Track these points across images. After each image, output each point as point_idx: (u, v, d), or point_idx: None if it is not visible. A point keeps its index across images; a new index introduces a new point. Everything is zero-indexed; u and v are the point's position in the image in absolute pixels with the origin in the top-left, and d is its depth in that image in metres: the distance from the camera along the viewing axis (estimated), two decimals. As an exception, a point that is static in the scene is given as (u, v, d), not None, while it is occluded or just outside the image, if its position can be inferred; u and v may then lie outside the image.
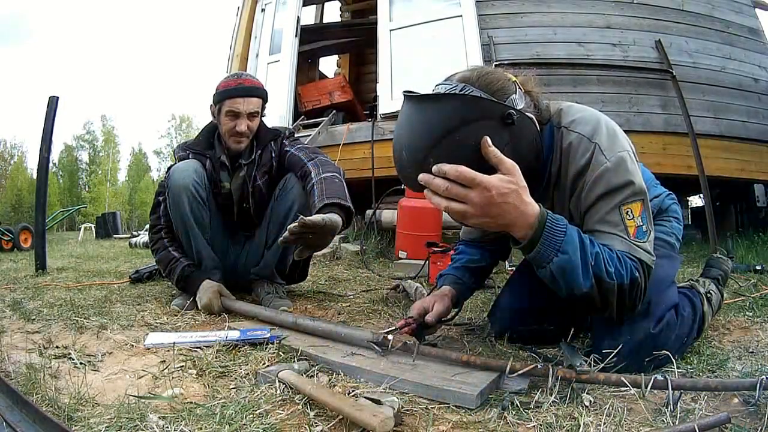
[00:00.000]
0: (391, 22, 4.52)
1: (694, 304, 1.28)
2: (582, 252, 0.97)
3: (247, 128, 1.89)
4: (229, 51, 5.89)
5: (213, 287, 1.76)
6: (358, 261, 3.43)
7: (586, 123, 1.09)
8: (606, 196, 1.04)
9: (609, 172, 1.04)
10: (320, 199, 1.63)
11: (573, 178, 1.09)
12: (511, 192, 0.93)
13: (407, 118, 1.02)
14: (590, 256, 0.98)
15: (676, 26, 4.31)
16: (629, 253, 1.01)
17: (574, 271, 0.97)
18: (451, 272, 1.47)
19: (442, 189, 0.92)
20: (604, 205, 1.04)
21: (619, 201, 1.03)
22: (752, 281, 2.30)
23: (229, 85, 1.89)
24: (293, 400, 0.93)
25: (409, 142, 1.00)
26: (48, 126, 3.06)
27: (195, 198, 1.82)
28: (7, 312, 1.74)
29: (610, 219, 1.04)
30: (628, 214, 1.03)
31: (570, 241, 0.97)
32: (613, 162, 1.04)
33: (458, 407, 0.91)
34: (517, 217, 0.95)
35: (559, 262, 0.97)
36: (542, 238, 0.97)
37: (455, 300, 1.38)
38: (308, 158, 1.87)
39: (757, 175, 4.36)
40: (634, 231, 1.03)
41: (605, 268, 0.98)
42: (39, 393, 0.94)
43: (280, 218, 1.87)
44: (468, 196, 0.91)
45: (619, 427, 0.81)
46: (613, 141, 1.07)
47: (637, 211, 1.04)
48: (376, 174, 4.21)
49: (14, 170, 34.83)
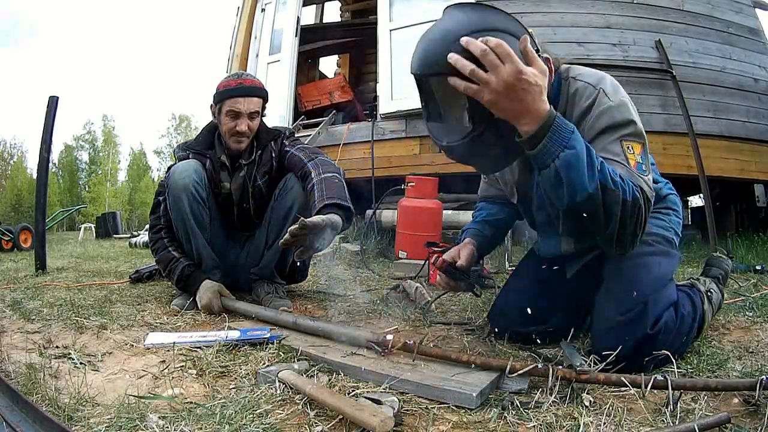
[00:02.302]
0: (391, 22, 4.52)
1: (694, 303, 1.27)
2: (588, 154, 0.97)
3: (247, 128, 1.88)
4: (229, 51, 5.89)
5: (213, 287, 1.76)
6: (358, 261, 3.43)
7: (591, 75, 1.16)
8: (608, 129, 1.08)
9: (612, 110, 1.09)
10: (320, 199, 1.62)
11: (577, 119, 1.12)
12: (535, 85, 0.95)
13: (446, 14, 1.08)
14: (596, 159, 0.98)
15: (676, 26, 4.30)
16: (630, 179, 1.02)
17: (580, 169, 0.96)
18: (472, 226, 1.51)
19: (468, 70, 0.94)
20: (606, 138, 1.08)
21: (621, 135, 1.07)
22: (752, 281, 2.30)
23: (229, 85, 1.89)
24: (293, 400, 0.93)
25: (445, 28, 1.03)
26: (48, 126, 3.06)
27: (195, 198, 1.82)
28: (7, 312, 1.74)
29: (611, 149, 1.07)
30: (629, 149, 1.06)
31: (578, 139, 0.98)
32: (616, 102, 1.09)
33: (458, 407, 0.91)
34: (530, 106, 0.96)
35: (566, 156, 0.96)
36: (550, 132, 0.96)
37: (477, 250, 1.43)
38: (308, 158, 1.87)
39: (757, 175, 4.36)
40: (634, 164, 1.05)
41: (610, 176, 0.98)
42: (39, 393, 0.94)
43: (280, 218, 1.87)
44: (498, 69, 0.93)
45: (619, 427, 0.81)
46: (617, 89, 1.12)
47: (637, 150, 1.07)
48: (376, 174, 4.21)
49: (14, 170, 34.80)
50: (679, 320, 1.16)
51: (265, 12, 5.41)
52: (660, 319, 1.12)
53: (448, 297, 2.16)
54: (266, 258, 1.93)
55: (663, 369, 1.08)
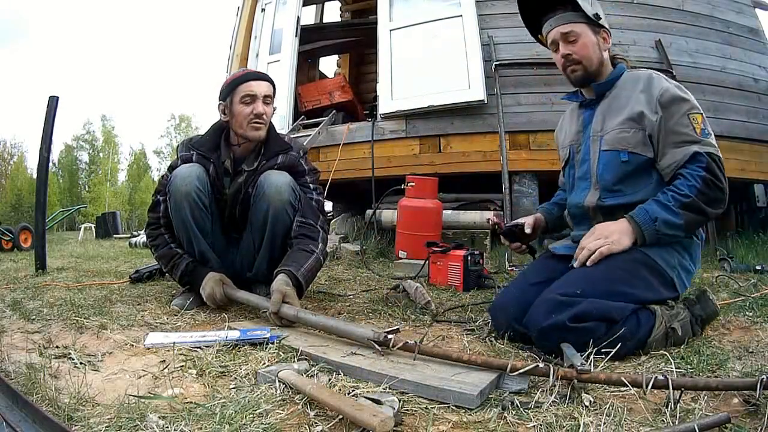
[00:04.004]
0: (391, 22, 4.51)
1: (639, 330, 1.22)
2: (662, 208, 1.32)
3: (264, 111, 1.85)
4: (229, 51, 5.89)
5: (215, 276, 1.77)
6: (358, 261, 3.43)
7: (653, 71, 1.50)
8: (676, 102, 1.37)
9: (674, 89, 1.40)
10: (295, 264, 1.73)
11: (639, 90, 1.43)
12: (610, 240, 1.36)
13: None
14: (668, 200, 1.32)
15: (676, 26, 4.29)
16: (699, 151, 1.34)
17: (669, 221, 1.31)
18: (545, 205, 1.81)
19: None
20: (676, 111, 1.37)
21: (687, 110, 1.37)
22: (752, 281, 2.30)
23: (238, 75, 1.89)
24: (293, 400, 0.93)
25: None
26: (48, 126, 3.06)
27: (197, 205, 1.81)
28: (7, 312, 1.74)
29: (682, 122, 1.37)
30: (695, 121, 1.37)
31: (651, 211, 1.33)
32: (674, 84, 1.42)
33: (458, 407, 0.91)
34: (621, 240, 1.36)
35: (658, 227, 1.32)
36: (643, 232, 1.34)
37: (543, 223, 1.74)
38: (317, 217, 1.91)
39: (757, 175, 4.35)
40: (699, 131, 1.37)
41: (679, 198, 1.32)
42: (39, 393, 0.94)
43: (259, 224, 1.86)
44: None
45: (619, 427, 0.81)
46: (671, 81, 1.43)
47: (699, 119, 1.38)
48: (376, 174, 4.21)
49: (14, 170, 34.81)
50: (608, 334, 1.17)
51: (265, 12, 5.40)
52: (584, 320, 1.18)
53: (448, 297, 2.17)
54: (258, 263, 1.92)
55: (663, 369, 1.08)
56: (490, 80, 3.97)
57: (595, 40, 1.48)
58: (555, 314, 1.20)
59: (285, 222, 1.84)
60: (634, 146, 1.41)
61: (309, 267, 1.76)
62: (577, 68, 1.49)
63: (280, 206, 1.81)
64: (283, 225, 1.84)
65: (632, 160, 1.41)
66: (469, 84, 4.03)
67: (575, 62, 1.48)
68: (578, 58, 1.48)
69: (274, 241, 1.86)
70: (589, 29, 1.47)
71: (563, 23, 1.47)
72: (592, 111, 1.54)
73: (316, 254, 1.81)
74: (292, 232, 1.85)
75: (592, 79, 1.51)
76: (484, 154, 4.01)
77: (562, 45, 1.49)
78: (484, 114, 4.02)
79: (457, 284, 2.39)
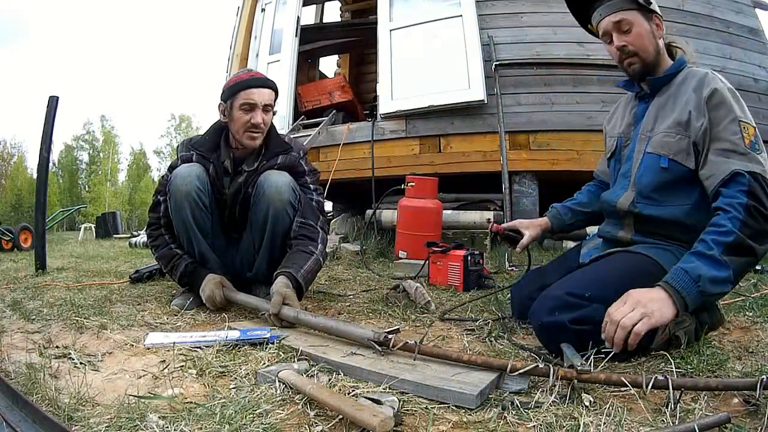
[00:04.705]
0: (391, 22, 4.51)
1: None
2: (704, 261, 1.14)
3: (262, 121, 1.84)
4: (229, 51, 5.89)
5: (215, 278, 1.77)
6: (358, 261, 3.43)
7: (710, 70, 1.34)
8: (725, 105, 1.24)
9: (725, 91, 1.26)
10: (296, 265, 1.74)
11: (691, 89, 1.31)
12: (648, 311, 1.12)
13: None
14: (712, 249, 1.14)
15: (676, 26, 4.29)
16: (740, 171, 1.18)
17: (715, 278, 1.14)
18: (558, 206, 1.73)
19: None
20: (725, 116, 1.24)
21: (737, 115, 1.23)
22: (752, 281, 2.30)
23: (241, 78, 1.86)
24: (293, 400, 0.93)
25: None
26: (48, 126, 3.06)
27: (197, 205, 1.81)
28: (7, 312, 1.74)
29: (729, 128, 1.23)
30: (745, 130, 1.22)
31: (692, 269, 1.14)
32: (728, 87, 1.28)
33: (458, 407, 0.91)
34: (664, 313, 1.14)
35: (703, 288, 1.13)
36: (685, 300, 1.14)
37: (548, 227, 1.70)
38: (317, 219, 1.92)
39: (757, 175, 4.36)
40: (748, 143, 1.21)
41: (722, 239, 1.15)
42: (39, 393, 0.94)
43: (259, 224, 1.86)
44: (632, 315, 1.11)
45: (619, 427, 0.81)
46: (725, 82, 1.29)
47: (752, 131, 1.23)
48: (376, 174, 4.21)
49: (14, 170, 34.82)
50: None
51: (265, 12, 5.40)
52: (585, 323, 1.17)
53: (448, 297, 2.17)
54: (258, 263, 1.92)
55: (662, 369, 1.08)
56: (490, 80, 3.97)
57: (649, 28, 1.36)
58: (558, 313, 1.19)
59: (285, 222, 1.84)
60: (675, 154, 1.31)
61: (309, 268, 1.76)
62: (635, 61, 1.38)
63: (280, 206, 1.81)
64: (283, 225, 1.84)
65: (672, 169, 1.32)
66: (469, 84, 4.03)
67: (632, 54, 1.37)
68: (634, 50, 1.36)
69: (274, 242, 1.86)
70: (641, 16, 1.36)
71: (614, 11, 1.36)
72: (647, 105, 1.44)
73: (316, 255, 1.81)
74: (292, 233, 1.85)
75: (651, 71, 1.40)
76: (484, 154, 4.01)
77: (615, 36, 1.38)
78: (484, 114, 4.02)
79: (457, 284, 2.39)
